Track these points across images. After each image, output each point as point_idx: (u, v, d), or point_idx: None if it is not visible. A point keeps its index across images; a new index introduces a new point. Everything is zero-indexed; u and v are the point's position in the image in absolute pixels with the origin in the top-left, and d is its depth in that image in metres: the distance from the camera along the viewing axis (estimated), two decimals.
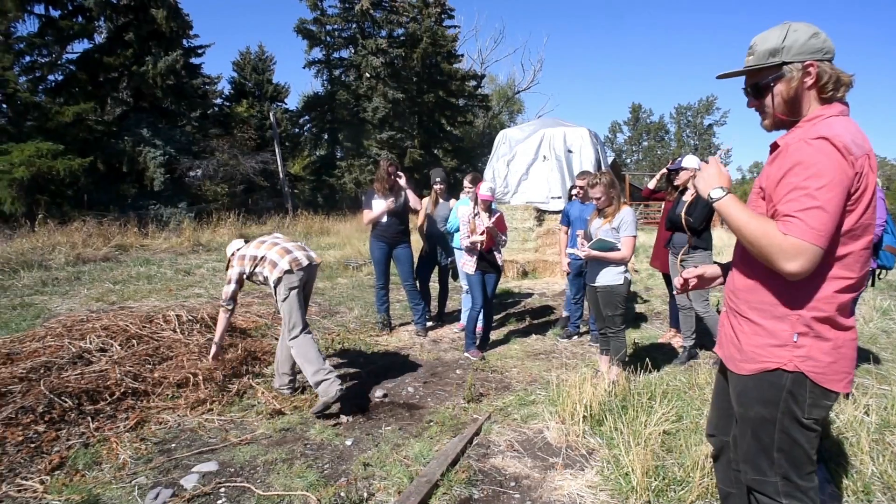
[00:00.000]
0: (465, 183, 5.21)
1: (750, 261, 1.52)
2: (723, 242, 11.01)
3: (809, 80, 1.45)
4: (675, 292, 4.61)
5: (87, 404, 3.20)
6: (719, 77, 1.61)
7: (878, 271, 3.56)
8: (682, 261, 4.34)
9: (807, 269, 1.35)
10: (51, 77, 16.84)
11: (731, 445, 1.73)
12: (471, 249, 4.59)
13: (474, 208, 4.62)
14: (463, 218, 4.63)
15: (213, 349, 3.67)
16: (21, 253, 8.70)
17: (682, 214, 4.24)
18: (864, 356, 4.40)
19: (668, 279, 4.94)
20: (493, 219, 4.57)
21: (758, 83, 1.53)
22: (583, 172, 5.41)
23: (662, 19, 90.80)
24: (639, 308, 6.63)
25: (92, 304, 6.07)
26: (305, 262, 3.49)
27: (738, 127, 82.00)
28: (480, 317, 4.79)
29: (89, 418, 3.09)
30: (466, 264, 4.65)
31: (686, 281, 1.86)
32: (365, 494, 2.50)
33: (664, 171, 4.73)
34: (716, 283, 1.85)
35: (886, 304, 6.23)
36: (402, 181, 5.22)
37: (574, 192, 5.50)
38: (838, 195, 1.32)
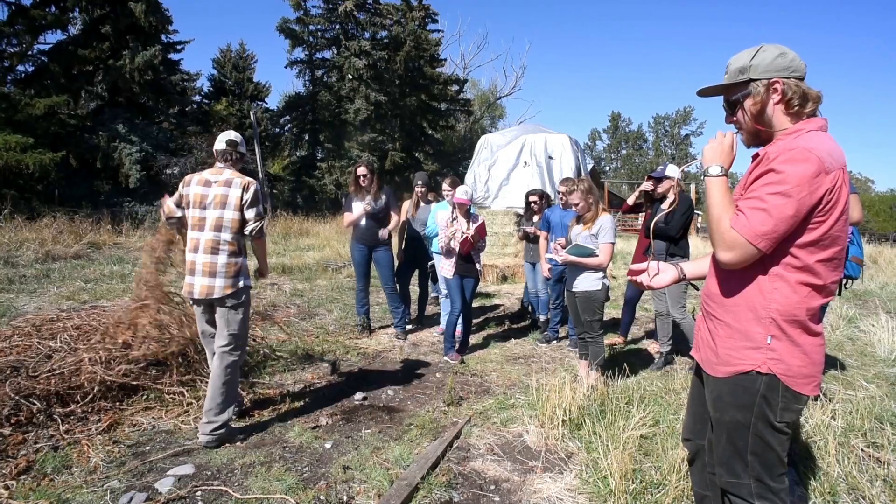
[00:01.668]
0: (444, 186, 5.24)
1: None
2: (698, 250, 11.25)
3: (776, 97, 1.54)
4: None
5: (56, 406, 3.10)
6: (699, 93, 1.70)
7: (844, 281, 3.69)
8: None
9: (737, 263, 1.47)
10: (20, 67, 16.37)
11: (707, 449, 1.78)
12: (449, 253, 4.61)
13: (452, 212, 4.65)
14: (441, 222, 4.66)
15: None
16: None
17: (653, 224, 4.32)
18: (830, 363, 4.55)
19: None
20: (475, 226, 4.60)
21: (729, 99, 1.64)
22: (565, 179, 5.48)
23: (643, 30, 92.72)
24: (616, 314, 6.72)
25: (62, 302, 5.90)
26: (195, 296, 2.96)
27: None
28: (459, 321, 4.81)
29: (59, 420, 3.00)
30: (445, 268, 4.68)
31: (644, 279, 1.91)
32: (345, 497, 2.49)
33: (643, 187, 4.77)
34: (664, 278, 1.89)
35: (852, 313, 6.46)
36: (370, 196, 5.05)
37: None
38: (791, 206, 1.39)
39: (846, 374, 4.41)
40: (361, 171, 5.06)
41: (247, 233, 3.02)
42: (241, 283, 3.00)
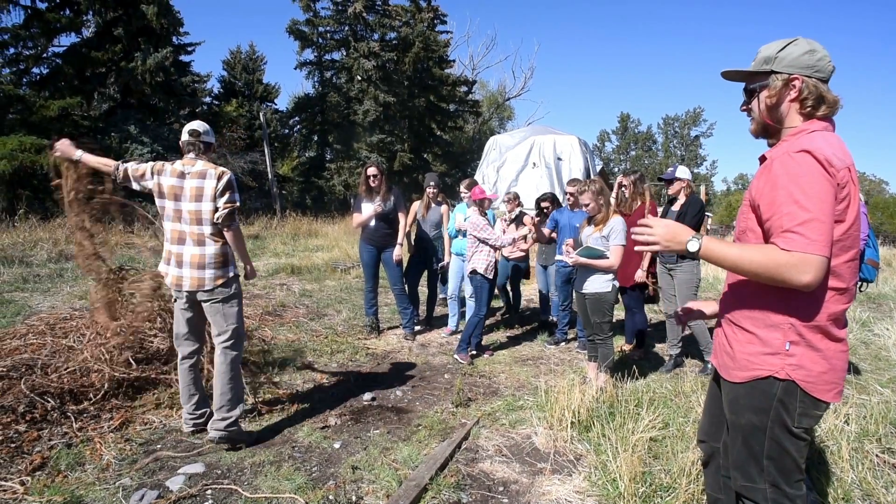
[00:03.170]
0: (462, 188, 5.26)
1: None
2: None
3: (792, 93, 1.52)
4: (670, 313, 4.67)
5: (70, 404, 3.15)
6: (723, 74, 1.66)
7: (860, 284, 3.65)
8: (670, 270, 4.40)
9: (818, 280, 1.36)
10: (35, 70, 16.55)
11: (722, 452, 1.77)
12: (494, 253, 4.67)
13: (484, 213, 4.70)
14: (476, 223, 4.63)
15: None
16: (1, 248, 8.53)
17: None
18: None
19: (622, 292, 4.91)
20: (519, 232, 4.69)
21: (749, 87, 1.62)
22: (573, 180, 5.48)
23: (652, 31, 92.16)
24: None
25: (75, 301, 5.96)
26: (186, 289, 2.89)
27: (724, 139, 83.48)
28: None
29: (72, 418, 3.04)
30: (488, 269, 4.66)
31: (686, 313, 1.94)
32: (353, 498, 2.50)
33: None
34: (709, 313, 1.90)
35: (866, 316, 6.38)
36: (379, 197, 5.07)
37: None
38: (829, 204, 1.36)
39: (860, 378, 4.36)
40: (372, 171, 5.07)
41: (215, 220, 2.88)
42: (230, 273, 2.96)
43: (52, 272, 7.62)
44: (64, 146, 3.05)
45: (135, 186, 3.01)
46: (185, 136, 2.97)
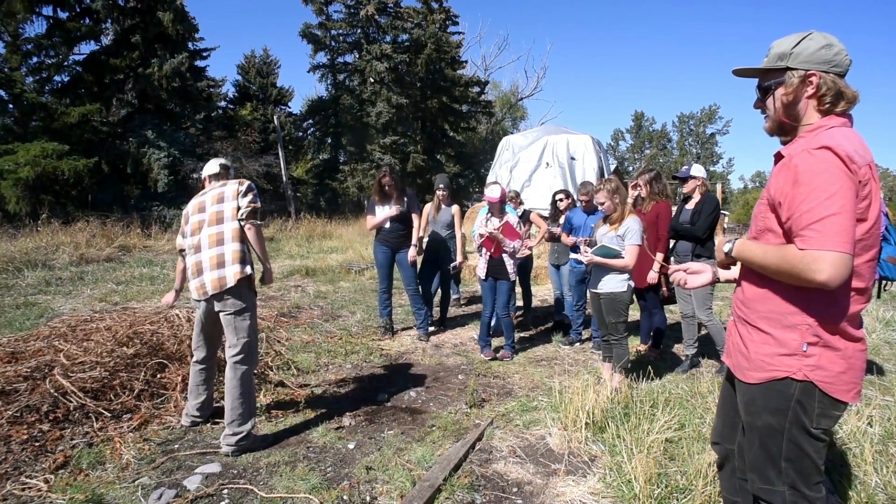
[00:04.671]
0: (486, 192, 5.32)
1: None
2: None
3: (810, 90, 1.48)
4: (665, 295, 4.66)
5: (91, 404, 3.21)
6: (734, 71, 1.62)
7: (883, 283, 3.56)
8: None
9: (838, 276, 1.30)
10: (57, 78, 16.97)
11: (737, 454, 1.74)
12: (480, 251, 4.70)
13: (488, 212, 4.74)
14: (479, 221, 4.78)
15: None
16: (25, 252, 8.74)
17: (684, 222, 4.25)
18: (867, 367, 4.39)
19: (639, 293, 4.85)
20: (498, 224, 4.61)
21: (762, 84, 1.57)
22: (584, 183, 5.47)
23: (666, 28, 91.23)
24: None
25: (95, 304, 6.09)
26: (209, 292, 2.90)
27: (741, 136, 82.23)
28: (493, 320, 4.91)
29: (93, 418, 3.10)
30: (479, 268, 4.76)
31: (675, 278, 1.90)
32: (368, 498, 2.51)
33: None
34: (701, 279, 1.85)
35: (889, 316, 6.23)
36: (394, 200, 5.11)
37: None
38: (850, 201, 1.33)
39: (883, 379, 4.26)
40: (387, 180, 5.08)
41: (238, 217, 2.97)
42: (248, 270, 2.95)
43: (74, 275, 7.79)
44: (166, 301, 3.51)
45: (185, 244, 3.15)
46: (215, 169, 3.28)
